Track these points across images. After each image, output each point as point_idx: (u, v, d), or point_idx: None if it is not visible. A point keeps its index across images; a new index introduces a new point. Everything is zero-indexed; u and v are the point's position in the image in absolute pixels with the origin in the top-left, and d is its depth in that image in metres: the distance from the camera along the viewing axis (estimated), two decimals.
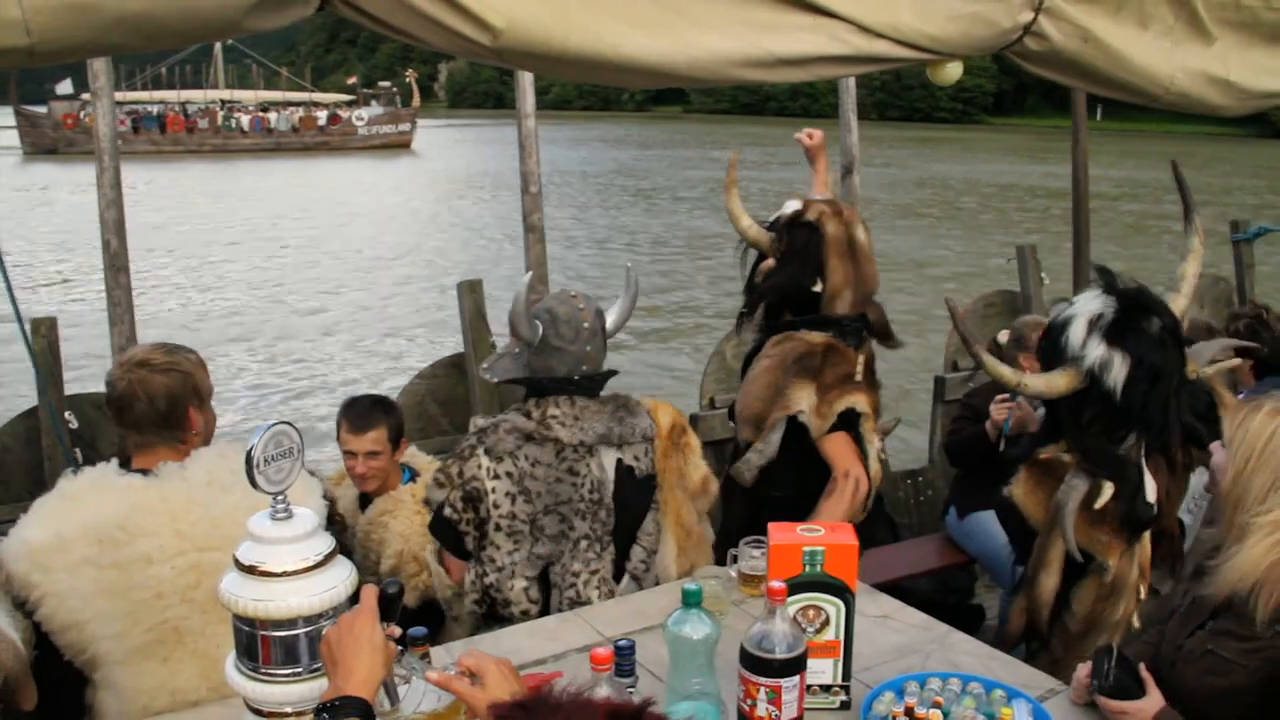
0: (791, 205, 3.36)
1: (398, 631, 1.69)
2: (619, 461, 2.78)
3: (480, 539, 2.72)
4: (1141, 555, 2.87)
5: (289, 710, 1.71)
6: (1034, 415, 4.07)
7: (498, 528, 2.68)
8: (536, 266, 4.34)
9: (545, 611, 2.75)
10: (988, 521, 4.35)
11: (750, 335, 3.50)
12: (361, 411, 3.37)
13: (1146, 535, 2.88)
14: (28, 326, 3.51)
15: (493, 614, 2.76)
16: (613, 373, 2.89)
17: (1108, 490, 2.75)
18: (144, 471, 2.34)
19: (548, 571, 2.75)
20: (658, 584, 2.84)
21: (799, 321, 3.28)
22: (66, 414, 3.67)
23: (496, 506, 2.67)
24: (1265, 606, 2.04)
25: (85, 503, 2.26)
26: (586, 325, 2.78)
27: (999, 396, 4.25)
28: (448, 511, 2.71)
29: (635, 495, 2.80)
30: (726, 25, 2.03)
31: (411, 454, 3.53)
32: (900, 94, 76.85)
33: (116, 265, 3.68)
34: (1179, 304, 2.86)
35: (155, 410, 2.39)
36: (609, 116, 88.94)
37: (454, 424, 4.47)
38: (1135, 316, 2.74)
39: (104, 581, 2.20)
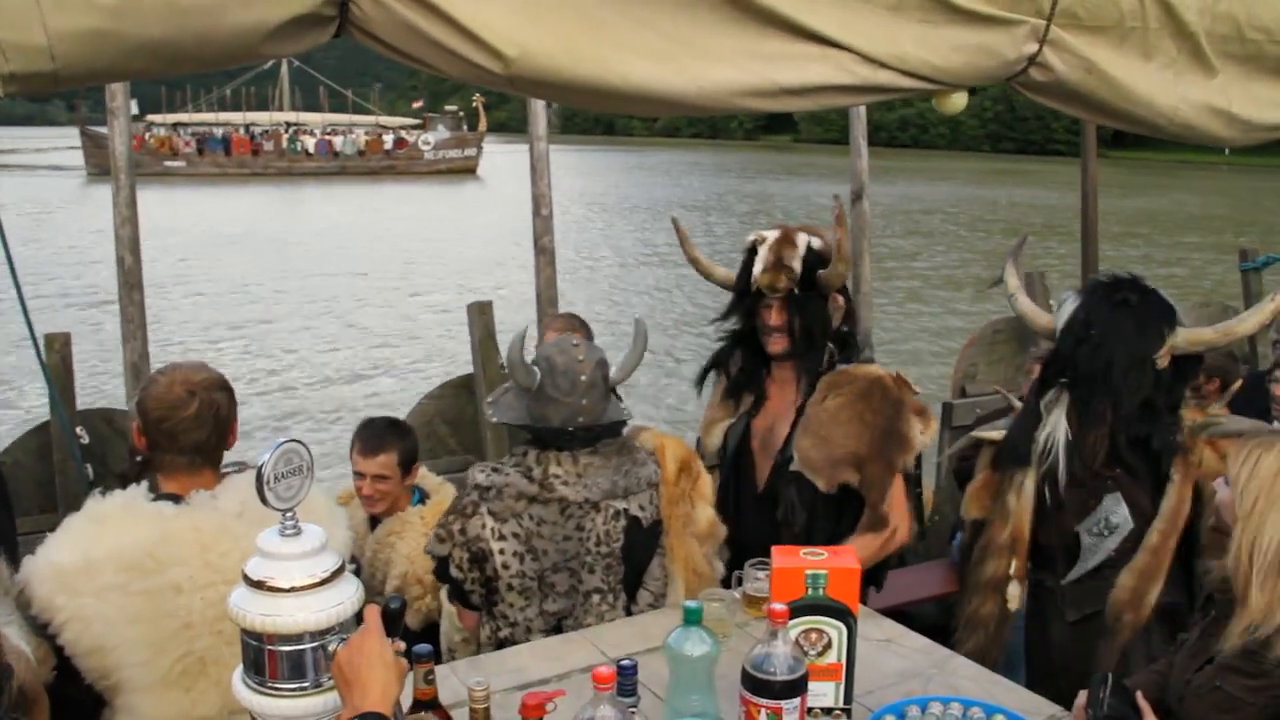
0: (814, 241, 3.22)
1: (402, 646, 1.71)
2: (624, 511, 2.72)
3: (489, 595, 2.69)
4: (1016, 522, 2.93)
5: None
6: None
7: (510, 587, 2.65)
8: (546, 289, 4.38)
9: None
10: None
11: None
12: (374, 434, 3.38)
13: (1021, 504, 2.95)
14: (41, 342, 3.55)
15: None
16: (620, 424, 2.81)
17: (991, 434, 3.07)
18: (175, 499, 2.34)
19: (561, 625, 2.73)
20: None
21: (823, 359, 3.19)
22: (78, 429, 3.70)
23: (506, 567, 2.63)
24: (1273, 644, 2.05)
25: (114, 527, 2.26)
26: (584, 378, 2.70)
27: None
28: (454, 571, 2.68)
29: (642, 543, 2.75)
30: (733, 56, 2.06)
31: (421, 475, 3.55)
32: (1014, 125, 74.66)
33: (130, 282, 3.72)
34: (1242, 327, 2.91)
35: (215, 430, 2.40)
36: (718, 145, 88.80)
37: (462, 444, 4.50)
38: (1113, 284, 2.94)
39: (131, 609, 2.20)
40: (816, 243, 3.18)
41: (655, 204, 33.27)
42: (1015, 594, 2.99)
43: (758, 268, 3.14)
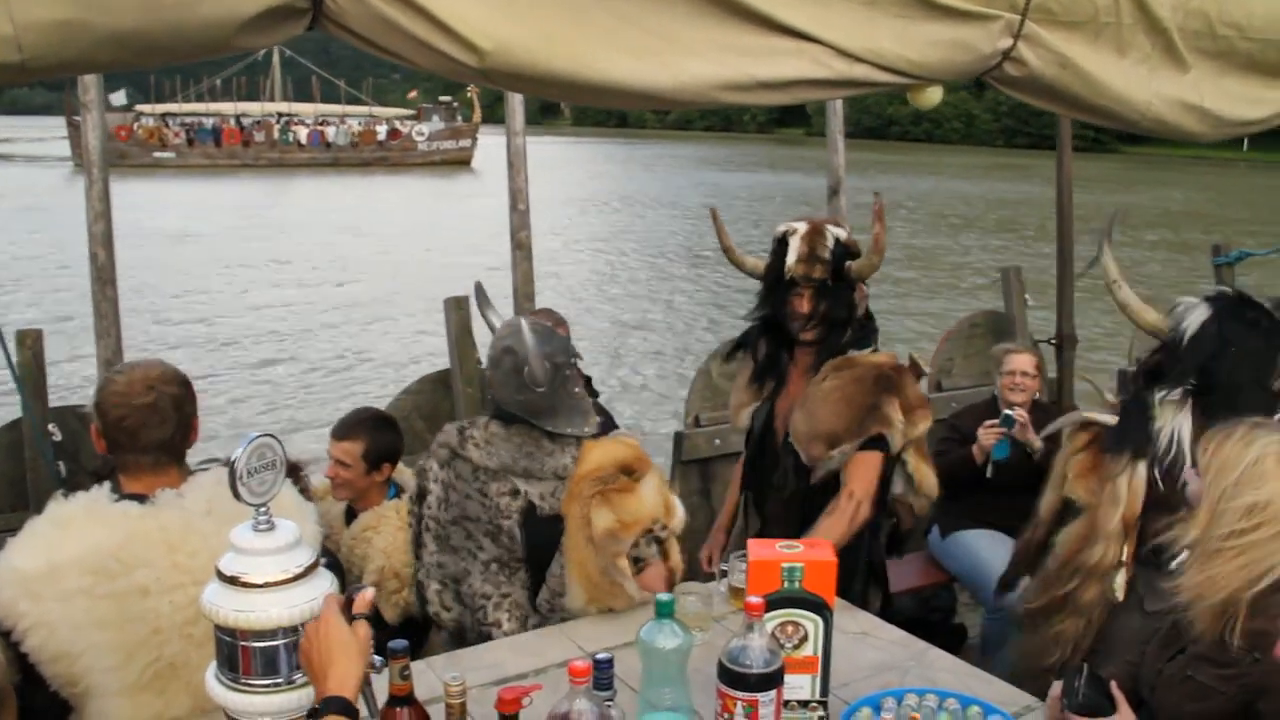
0: (795, 227, 3.38)
1: (369, 631, 1.70)
2: (524, 494, 2.76)
3: (418, 534, 2.89)
4: (1128, 508, 2.92)
5: None
6: (1034, 437, 4.14)
7: (427, 528, 2.86)
8: (523, 284, 4.37)
9: (460, 628, 2.83)
10: (970, 541, 4.39)
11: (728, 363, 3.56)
12: (348, 420, 3.42)
13: (1134, 489, 2.93)
14: (10, 339, 3.51)
15: (423, 610, 2.92)
16: (518, 417, 2.79)
17: (1107, 417, 3.02)
18: (140, 499, 2.29)
19: (459, 590, 2.84)
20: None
21: (842, 344, 3.35)
22: (50, 426, 3.67)
23: (429, 508, 2.85)
24: (1240, 636, 2.07)
25: (78, 530, 2.21)
26: (491, 353, 2.86)
27: (988, 422, 4.29)
28: (408, 504, 2.95)
29: (541, 532, 2.76)
30: (710, 50, 2.06)
31: (398, 471, 3.54)
32: (1028, 120, 71.72)
33: (104, 278, 3.68)
34: None
35: (178, 427, 2.36)
36: (730, 138, 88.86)
37: None
38: (1241, 300, 3.00)
39: (98, 613, 2.15)
40: (844, 234, 3.35)
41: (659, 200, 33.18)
42: (1121, 583, 3.00)
43: (791, 258, 3.30)
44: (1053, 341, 5.62)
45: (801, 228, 3.33)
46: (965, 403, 5.29)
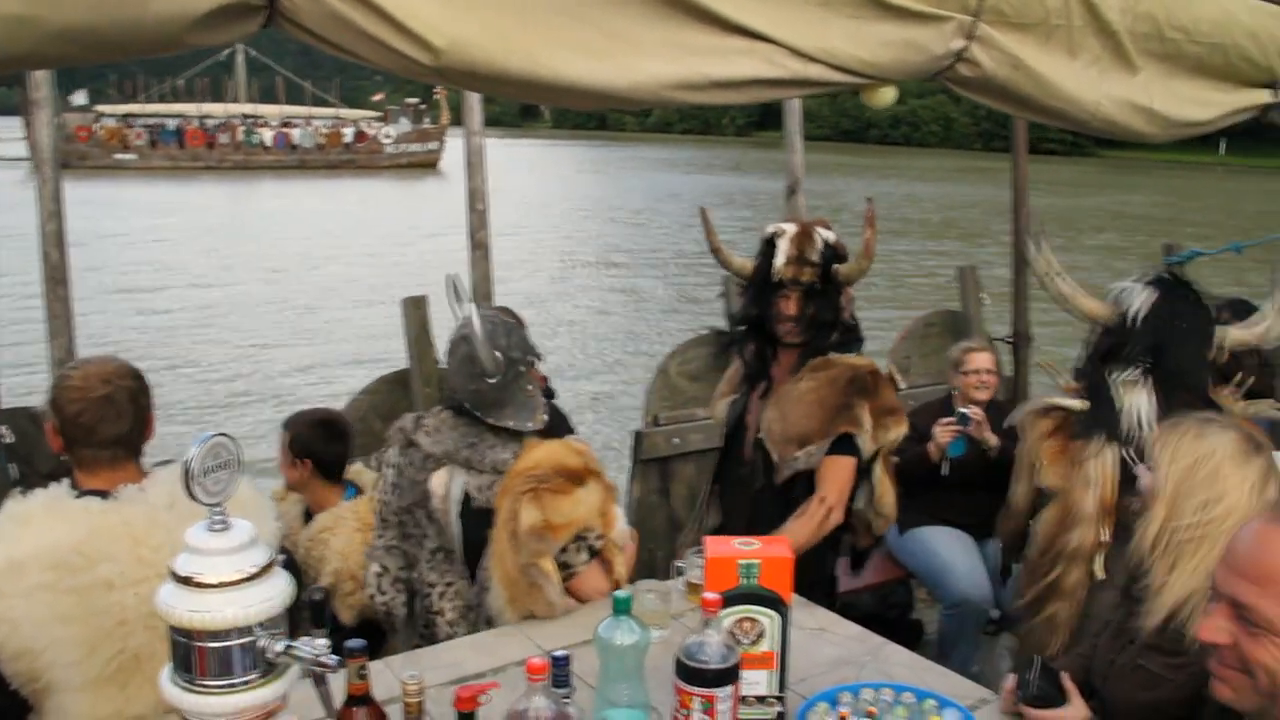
0: (784, 228, 3.39)
1: (327, 643, 1.70)
2: (463, 483, 2.77)
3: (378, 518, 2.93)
4: (1101, 490, 2.97)
5: None
6: (990, 434, 4.19)
7: (378, 511, 2.90)
8: (482, 283, 4.37)
9: (410, 614, 2.87)
10: (928, 537, 4.42)
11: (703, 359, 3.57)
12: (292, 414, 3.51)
13: (1104, 471, 2.98)
14: None
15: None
16: (465, 408, 2.79)
17: (1073, 402, 3.11)
18: (102, 494, 2.29)
19: (410, 580, 2.88)
20: (490, 624, 2.75)
21: (825, 346, 3.35)
22: (2, 428, 3.62)
23: (384, 491, 2.87)
24: (1191, 623, 2.10)
25: (39, 526, 2.20)
26: (448, 341, 2.88)
27: (943, 420, 4.32)
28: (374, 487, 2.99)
29: (477, 526, 2.75)
30: (663, 49, 2.07)
31: (357, 471, 3.53)
32: (1006, 123, 70.31)
33: (56, 278, 3.64)
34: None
35: (135, 421, 2.35)
36: (709, 141, 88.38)
37: None
38: (1178, 281, 3.15)
39: (61, 608, 2.14)
40: (832, 237, 3.36)
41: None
42: (1102, 563, 3.04)
43: (779, 260, 3.31)
44: (1009, 340, 5.69)
45: (790, 229, 3.34)
46: (924, 401, 5.34)
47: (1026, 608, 3.18)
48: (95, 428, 2.31)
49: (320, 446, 3.41)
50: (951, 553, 4.31)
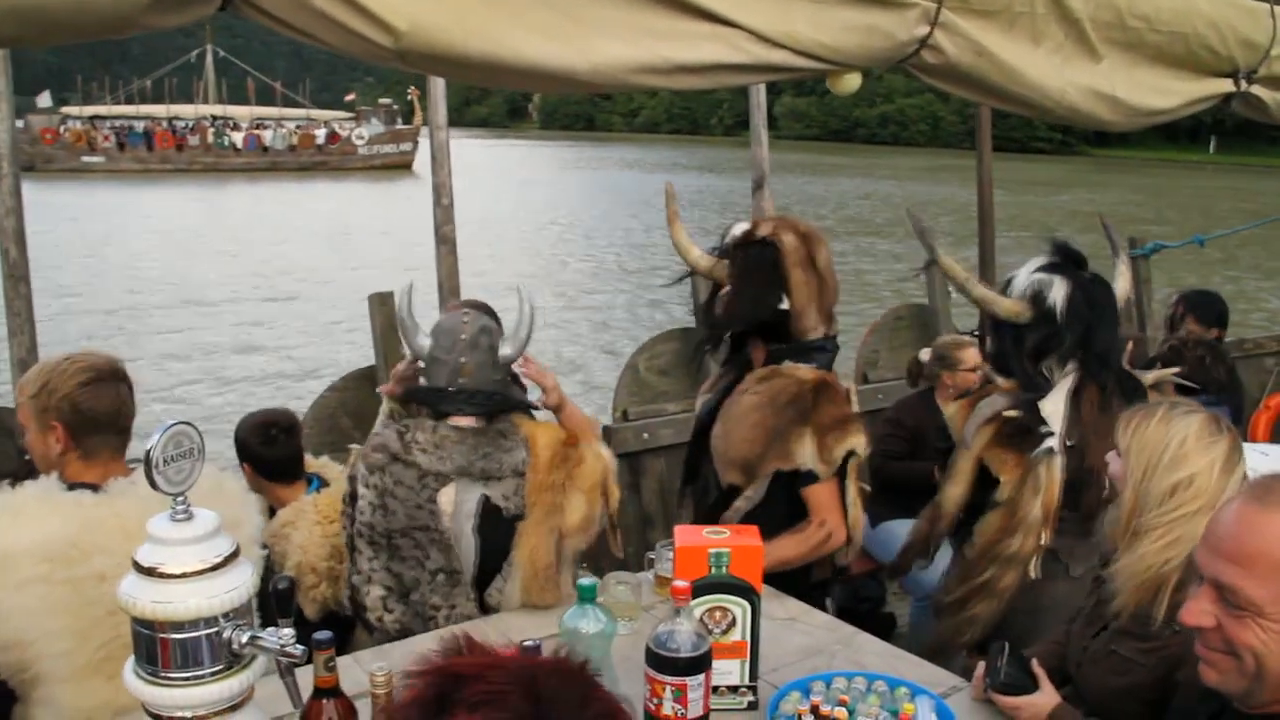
0: (740, 226, 3.20)
1: (293, 633, 1.68)
2: (486, 499, 2.72)
3: (351, 538, 2.76)
4: (1047, 496, 2.96)
5: (187, 715, 1.68)
6: None
7: (360, 534, 2.72)
8: (449, 278, 4.34)
9: (406, 631, 2.73)
10: (901, 531, 4.41)
11: (709, 370, 3.46)
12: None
13: (1052, 477, 2.97)
14: None
15: (358, 614, 2.79)
16: (517, 403, 2.84)
17: (1012, 412, 3.03)
18: (93, 487, 2.30)
19: (409, 596, 2.75)
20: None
21: (779, 352, 3.14)
22: None
23: (362, 513, 2.71)
24: (1161, 607, 2.11)
25: (32, 519, 2.21)
26: (464, 337, 2.74)
27: None
28: (341, 505, 2.81)
29: (502, 533, 2.72)
30: (625, 32, 2.06)
31: (323, 464, 3.50)
32: (995, 122, 67.87)
33: (16, 275, 3.60)
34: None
35: (126, 413, 2.39)
36: (698, 141, 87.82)
37: (365, 436, 4.42)
38: (1069, 261, 3.07)
39: (53, 599, 2.15)
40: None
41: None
42: (1037, 564, 3.03)
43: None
44: (975, 334, 5.72)
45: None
46: (892, 395, 5.34)
47: (953, 604, 3.16)
48: (117, 414, 2.37)
49: (257, 450, 3.36)
50: None
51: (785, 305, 3.10)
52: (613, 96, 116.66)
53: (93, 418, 2.35)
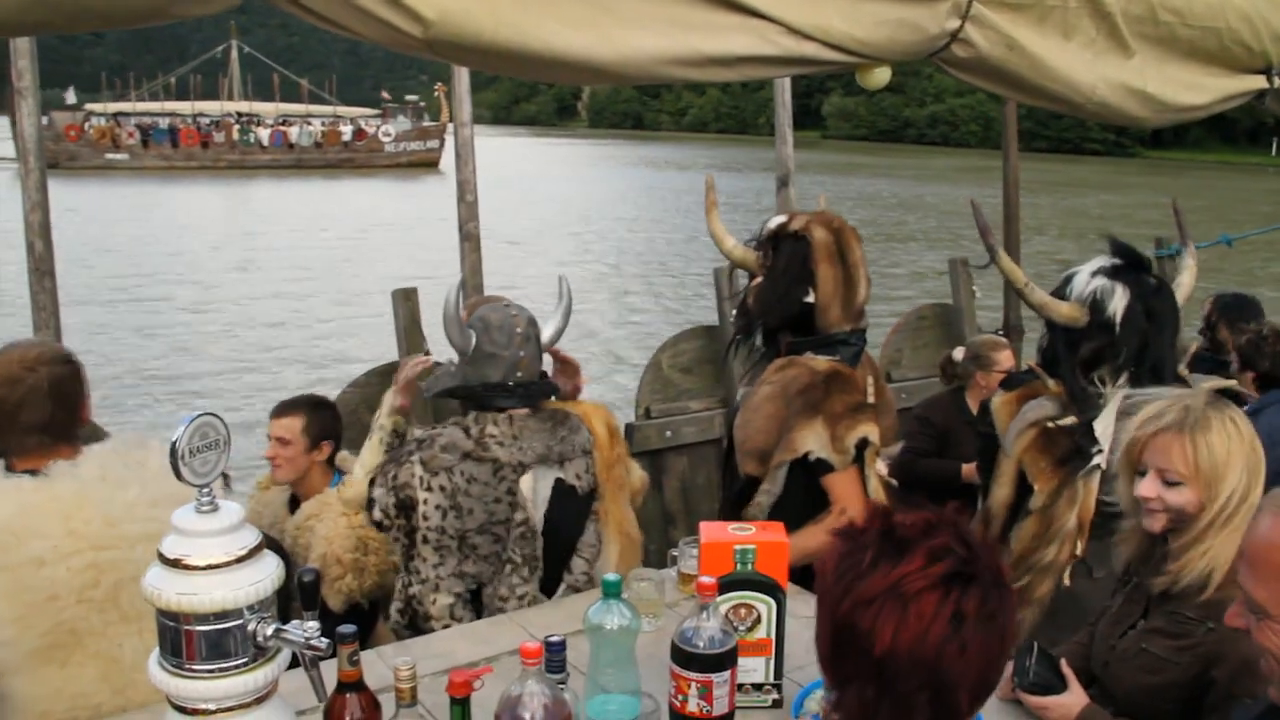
0: (776, 219, 3.21)
1: (317, 626, 1.67)
2: (559, 481, 2.75)
3: (409, 547, 2.70)
4: (1083, 508, 2.92)
5: (212, 708, 1.68)
6: None
7: (425, 540, 2.67)
8: (472, 275, 4.34)
9: None
10: None
11: (744, 363, 3.42)
12: (287, 400, 3.43)
13: (1089, 490, 2.93)
14: None
15: (414, 626, 2.74)
16: (552, 386, 2.87)
17: (1067, 419, 2.97)
18: (32, 472, 2.27)
19: (480, 592, 2.74)
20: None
21: (800, 344, 3.12)
22: None
23: (426, 519, 2.65)
24: (1208, 592, 2.10)
25: None
26: (519, 331, 2.77)
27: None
28: (377, 514, 2.70)
29: (575, 512, 2.77)
30: (656, 24, 2.04)
31: (344, 458, 3.50)
32: (1047, 123, 68.10)
33: (42, 269, 3.61)
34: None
35: (59, 407, 2.33)
36: (745, 140, 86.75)
37: None
38: (1133, 266, 3.01)
39: None
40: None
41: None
42: (1068, 573, 3.00)
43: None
44: (999, 332, 5.69)
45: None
46: (916, 395, 5.32)
47: None
48: (17, 414, 2.30)
49: (329, 423, 3.44)
50: None
51: (810, 298, 3.09)
52: (660, 94, 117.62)
53: (8, 417, 2.31)
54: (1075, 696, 2.20)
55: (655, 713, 1.99)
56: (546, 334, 2.90)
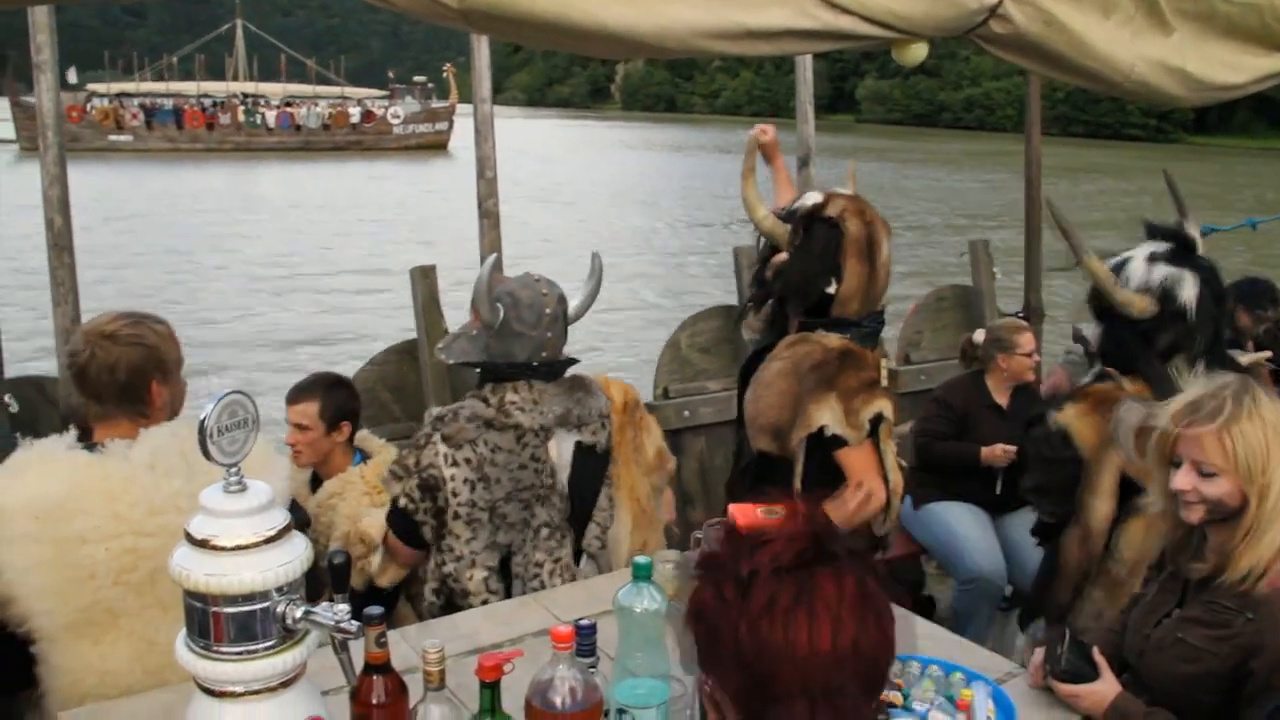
0: (812, 197, 3.18)
1: (348, 608, 1.65)
2: (578, 444, 2.76)
3: (439, 528, 2.68)
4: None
5: (239, 690, 1.66)
6: (1067, 385, 4.04)
7: (456, 516, 2.65)
8: (490, 251, 4.30)
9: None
10: (944, 513, 4.38)
11: (752, 331, 3.41)
12: (301, 384, 3.39)
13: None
14: None
15: (450, 604, 2.73)
16: (573, 360, 2.85)
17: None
18: (91, 447, 2.30)
19: (509, 562, 2.72)
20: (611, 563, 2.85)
21: (814, 322, 3.12)
22: (6, 397, 3.57)
23: (455, 495, 2.63)
24: (1248, 584, 2.07)
25: (30, 476, 2.23)
26: (549, 311, 2.74)
27: (1001, 446, 4.23)
28: (403, 502, 2.68)
29: (591, 473, 2.78)
30: None
31: (363, 437, 3.49)
32: (1085, 107, 66.50)
33: (60, 245, 3.60)
34: None
35: (115, 381, 2.35)
36: (777, 123, 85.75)
37: (405, 411, 4.41)
38: (1189, 249, 2.99)
39: (38, 556, 2.17)
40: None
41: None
42: None
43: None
44: (1020, 314, 5.64)
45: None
46: (935, 377, 5.28)
47: (1066, 604, 3.04)
48: (85, 378, 2.36)
49: (346, 403, 3.41)
50: (967, 528, 4.27)
51: (833, 290, 3.09)
52: (693, 76, 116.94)
53: (78, 381, 2.39)
54: (1108, 685, 2.18)
55: (684, 696, 1.97)
56: (571, 309, 2.87)
